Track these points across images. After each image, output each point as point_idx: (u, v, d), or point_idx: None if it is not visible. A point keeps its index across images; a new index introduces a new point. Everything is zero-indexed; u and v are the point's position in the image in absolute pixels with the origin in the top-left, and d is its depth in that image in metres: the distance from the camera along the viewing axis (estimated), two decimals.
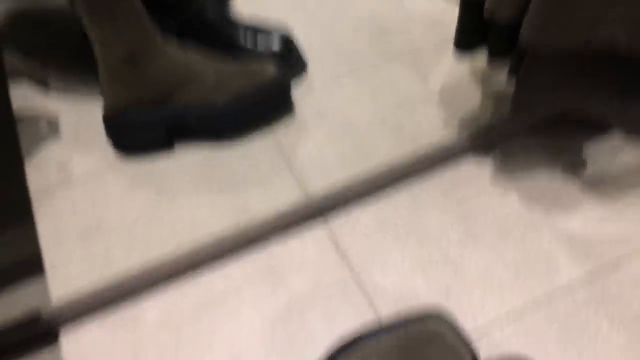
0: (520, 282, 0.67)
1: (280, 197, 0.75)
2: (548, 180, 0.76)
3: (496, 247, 0.70)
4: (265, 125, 0.83)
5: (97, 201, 0.76)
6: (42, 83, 0.91)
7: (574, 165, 0.78)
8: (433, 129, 0.80)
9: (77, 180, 0.79)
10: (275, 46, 0.85)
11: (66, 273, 0.69)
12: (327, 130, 0.82)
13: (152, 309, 0.67)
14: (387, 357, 0.54)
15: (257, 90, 0.78)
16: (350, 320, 0.65)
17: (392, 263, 0.69)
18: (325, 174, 0.77)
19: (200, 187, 0.77)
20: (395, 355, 0.54)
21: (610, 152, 0.79)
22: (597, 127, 0.81)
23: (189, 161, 0.80)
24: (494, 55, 0.72)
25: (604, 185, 0.75)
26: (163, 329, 0.65)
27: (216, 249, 0.70)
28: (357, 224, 0.73)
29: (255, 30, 0.86)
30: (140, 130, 0.79)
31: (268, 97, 0.80)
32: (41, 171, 0.80)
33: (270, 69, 0.79)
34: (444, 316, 0.59)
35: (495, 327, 0.63)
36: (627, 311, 0.64)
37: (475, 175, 0.77)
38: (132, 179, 0.79)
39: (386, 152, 0.78)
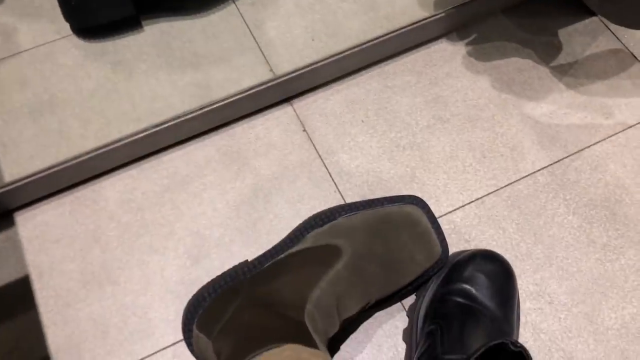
0: (485, 167, 0.67)
1: (245, 74, 0.71)
2: (521, 64, 0.74)
3: (464, 131, 0.70)
4: None
5: (48, 75, 0.71)
6: None
7: (548, 46, 0.76)
8: (408, 6, 0.75)
9: (25, 53, 0.73)
10: None
11: (19, 151, 0.65)
12: (296, 3, 0.76)
13: (112, 189, 0.66)
14: (355, 232, 0.53)
15: None
16: (316, 203, 0.65)
17: (359, 146, 0.68)
18: (294, 50, 0.73)
19: (159, 63, 0.72)
20: (364, 231, 0.54)
21: (586, 35, 0.77)
22: (576, 8, 0.78)
23: (146, 35, 0.74)
24: None
25: (575, 71, 0.74)
26: (124, 210, 0.64)
27: (178, 129, 0.67)
28: (325, 105, 0.71)
29: None
30: (104, 5, 0.71)
31: None
32: None
33: None
34: (422, 203, 0.58)
35: (458, 210, 0.65)
36: (583, 196, 0.66)
37: (448, 56, 0.75)
38: (86, 53, 0.73)
39: (358, 30, 0.74)
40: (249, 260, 0.54)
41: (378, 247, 0.53)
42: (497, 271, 0.55)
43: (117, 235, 0.63)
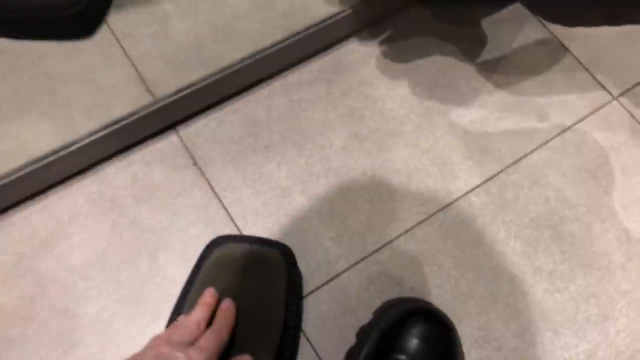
0: (412, 191, 0.58)
1: (116, 98, 0.57)
2: (443, 62, 0.65)
3: (385, 149, 0.60)
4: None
5: None
6: None
7: (472, 39, 0.67)
8: (310, 1, 0.63)
9: None
10: None
11: None
12: (176, 4, 0.63)
13: None
14: (226, 262, 0.51)
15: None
16: None
17: (265, 178, 0.57)
18: (176, 63, 0.59)
19: (4, 91, 0.57)
20: (231, 263, 0.50)
21: (512, 23, 0.68)
22: None
23: None
24: None
25: (504, 67, 0.66)
26: None
27: (33, 178, 0.53)
28: (220, 130, 0.59)
29: None
30: None
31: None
32: None
33: None
34: (288, 253, 0.52)
35: (385, 247, 0.55)
36: (523, 216, 0.58)
37: (361, 59, 0.64)
38: None
39: (254, 33, 0.61)
40: None
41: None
42: (434, 330, 0.46)
43: None
